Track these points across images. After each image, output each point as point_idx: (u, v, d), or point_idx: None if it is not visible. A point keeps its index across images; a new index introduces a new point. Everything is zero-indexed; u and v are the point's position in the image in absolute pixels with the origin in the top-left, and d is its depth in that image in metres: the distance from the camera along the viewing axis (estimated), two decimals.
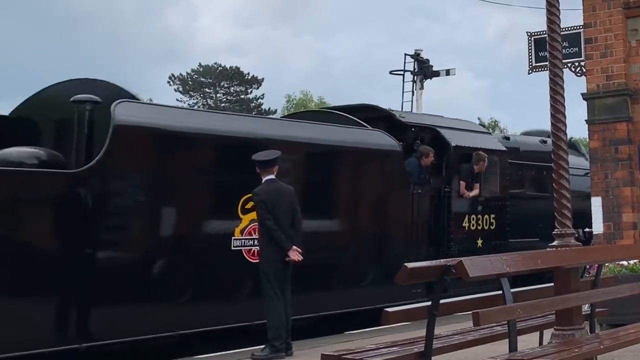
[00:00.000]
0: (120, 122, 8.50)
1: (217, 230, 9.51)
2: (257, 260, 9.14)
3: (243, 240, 9.63)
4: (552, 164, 6.59)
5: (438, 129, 13.15)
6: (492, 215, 13.28)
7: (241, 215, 9.62)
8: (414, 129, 13.10)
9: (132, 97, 9.26)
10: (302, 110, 12.42)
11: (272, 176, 8.95)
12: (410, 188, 12.03)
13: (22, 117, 9.80)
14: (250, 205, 9.43)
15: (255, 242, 9.49)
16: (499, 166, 13.61)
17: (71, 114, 8.93)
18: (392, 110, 13.74)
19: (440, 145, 12.89)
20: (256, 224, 9.17)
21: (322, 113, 12.66)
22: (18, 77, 77.29)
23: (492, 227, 13.30)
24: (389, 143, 11.78)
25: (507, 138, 16.03)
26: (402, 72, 25.65)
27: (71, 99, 8.81)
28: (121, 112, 8.57)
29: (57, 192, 8.17)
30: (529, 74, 14.28)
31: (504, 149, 14.14)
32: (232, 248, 9.52)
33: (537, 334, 6.97)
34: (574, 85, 12.84)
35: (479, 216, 13.05)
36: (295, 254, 8.78)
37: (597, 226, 11.45)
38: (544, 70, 13.03)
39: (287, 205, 8.89)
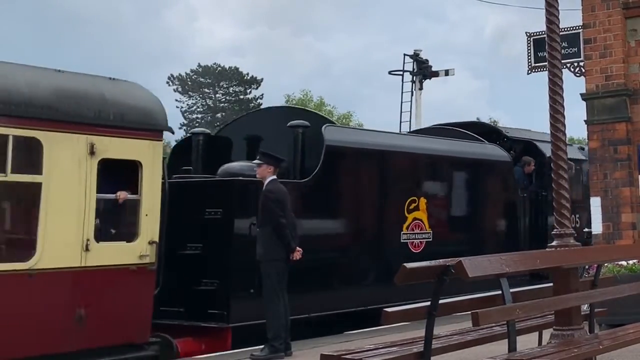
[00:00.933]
0: (330, 142, 10.79)
1: (391, 226, 11.86)
2: (418, 251, 11.89)
3: (408, 235, 11.93)
4: None
5: (535, 142, 15.42)
6: (577, 216, 15.32)
7: (407, 215, 11.94)
8: (507, 139, 15.31)
9: (330, 122, 12.40)
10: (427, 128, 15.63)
11: (275, 176, 9.00)
12: (518, 193, 14.32)
13: (222, 137, 12.65)
14: (413, 206, 12.00)
15: (417, 236, 12.02)
16: (581, 173, 15.66)
17: (267, 134, 11.58)
18: (499, 127, 16.41)
19: (532, 155, 15.13)
20: (418, 220, 12.01)
21: (447, 130, 15.06)
22: None
23: (578, 226, 15.21)
24: (503, 154, 14.20)
25: (582, 149, 17.82)
26: (401, 73, 25.65)
27: (288, 124, 10.99)
28: (330, 134, 10.90)
29: (294, 196, 10.15)
30: (528, 74, 14.33)
31: (585, 158, 15.78)
32: (401, 241, 11.83)
33: (536, 334, 6.97)
34: (573, 86, 12.86)
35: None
36: (298, 254, 8.80)
37: (596, 226, 11.45)
38: (543, 70, 13.04)
39: (289, 205, 8.97)
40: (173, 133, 10.69)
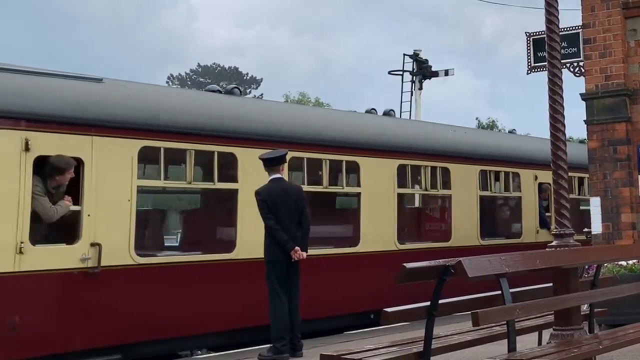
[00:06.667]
0: None
1: None
2: None
3: None
4: None
5: None
6: None
7: None
8: None
9: None
10: None
11: (278, 175, 8.80)
12: None
13: None
14: None
15: None
16: None
17: None
18: None
19: None
20: None
21: None
22: None
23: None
24: None
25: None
26: (401, 72, 25.66)
27: None
28: None
29: None
30: (527, 74, 14.27)
31: None
32: None
33: (536, 334, 6.97)
34: (573, 86, 12.86)
35: None
36: (296, 255, 8.62)
37: (596, 226, 11.44)
38: (543, 70, 13.03)
39: (292, 204, 8.70)
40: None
